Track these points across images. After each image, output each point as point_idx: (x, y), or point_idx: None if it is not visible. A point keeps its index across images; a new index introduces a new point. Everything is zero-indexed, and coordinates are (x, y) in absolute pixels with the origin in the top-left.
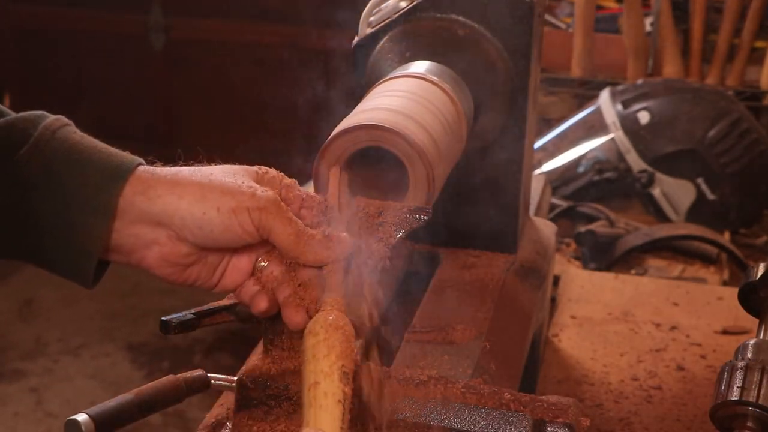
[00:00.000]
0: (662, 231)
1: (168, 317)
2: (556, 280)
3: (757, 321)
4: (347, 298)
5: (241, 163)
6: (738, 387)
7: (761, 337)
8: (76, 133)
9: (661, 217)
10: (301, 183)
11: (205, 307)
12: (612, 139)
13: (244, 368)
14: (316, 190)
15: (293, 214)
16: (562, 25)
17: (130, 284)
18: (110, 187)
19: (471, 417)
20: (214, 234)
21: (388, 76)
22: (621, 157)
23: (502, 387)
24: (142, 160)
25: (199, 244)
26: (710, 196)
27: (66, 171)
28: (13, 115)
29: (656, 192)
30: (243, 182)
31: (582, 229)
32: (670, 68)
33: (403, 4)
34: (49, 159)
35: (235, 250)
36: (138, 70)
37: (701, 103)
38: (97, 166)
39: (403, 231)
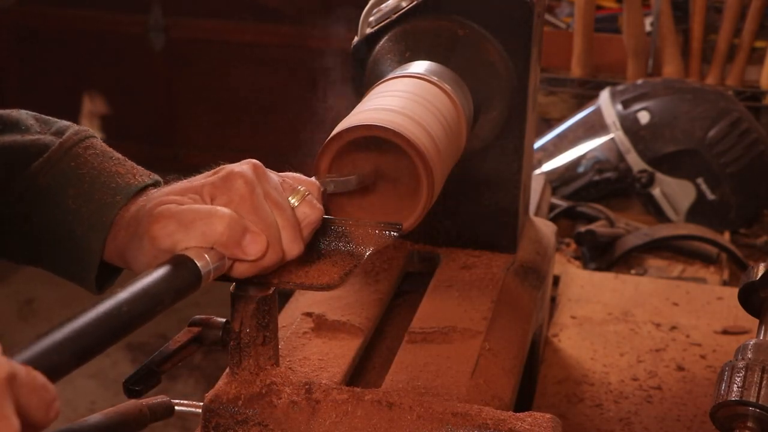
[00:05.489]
0: (662, 231)
1: (127, 380)
2: (556, 280)
3: (757, 321)
4: None
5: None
6: (738, 387)
7: (761, 337)
8: (94, 148)
9: (661, 217)
10: None
11: (164, 349)
12: (612, 139)
13: (210, 393)
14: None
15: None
16: (562, 25)
17: None
18: (111, 207)
19: None
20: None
21: (388, 76)
22: (621, 157)
23: (498, 390)
24: (146, 183)
25: None
26: (710, 196)
27: (72, 187)
28: (54, 126)
29: (656, 192)
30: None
31: (582, 229)
32: (670, 68)
33: (403, 4)
34: (58, 174)
35: None
36: (138, 70)
37: (701, 103)
38: (101, 186)
39: (372, 249)
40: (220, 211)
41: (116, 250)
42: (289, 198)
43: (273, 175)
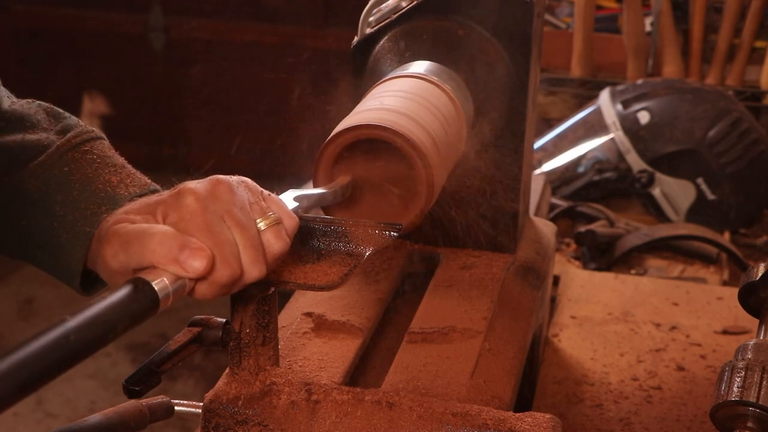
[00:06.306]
0: (662, 231)
1: (127, 380)
2: (556, 280)
3: (757, 321)
4: None
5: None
6: (738, 387)
7: (761, 337)
8: (92, 152)
9: (661, 217)
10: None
11: (164, 349)
12: (612, 139)
13: (209, 393)
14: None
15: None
16: (562, 25)
17: None
18: (94, 218)
19: None
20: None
21: (388, 76)
22: (621, 157)
23: (498, 390)
24: (135, 194)
25: None
26: (710, 196)
27: (61, 192)
28: (61, 123)
29: (656, 192)
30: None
31: (582, 229)
32: (670, 68)
33: (403, 4)
34: (49, 178)
35: None
36: (138, 70)
37: (701, 103)
38: (90, 194)
39: (372, 249)
40: (153, 228)
41: (92, 263)
42: (257, 220)
43: (243, 194)
